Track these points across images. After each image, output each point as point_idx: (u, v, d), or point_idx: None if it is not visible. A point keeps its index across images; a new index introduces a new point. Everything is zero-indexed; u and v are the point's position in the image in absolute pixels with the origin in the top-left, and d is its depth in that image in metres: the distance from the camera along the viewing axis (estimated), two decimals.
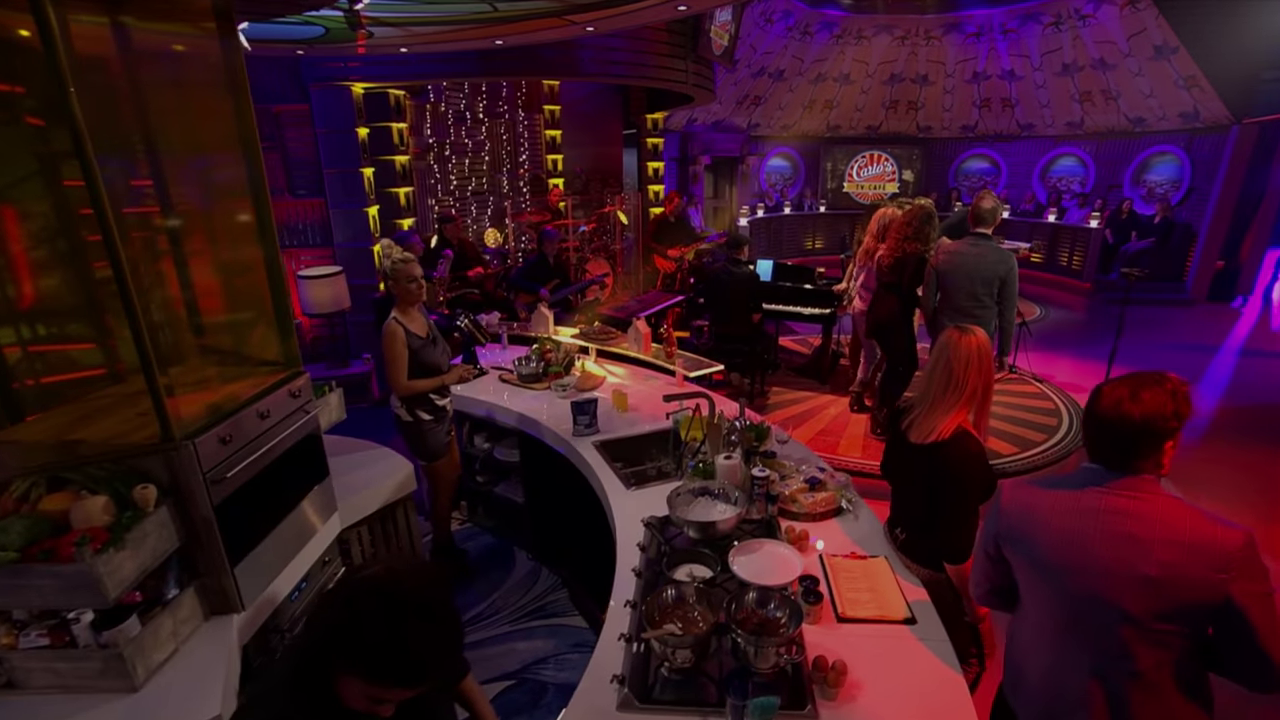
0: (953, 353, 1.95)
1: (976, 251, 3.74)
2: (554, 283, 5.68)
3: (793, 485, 2.53)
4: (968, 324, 2.03)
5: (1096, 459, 1.45)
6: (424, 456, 3.29)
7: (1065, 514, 1.46)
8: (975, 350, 1.93)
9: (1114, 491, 1.40)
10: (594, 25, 3.82)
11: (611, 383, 3.90)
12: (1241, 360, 6.94)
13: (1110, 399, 1.39)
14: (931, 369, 2.01)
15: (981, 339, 1.95)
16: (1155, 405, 1.33)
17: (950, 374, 1.94)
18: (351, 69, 5.01)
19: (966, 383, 1.93)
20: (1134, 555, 1.35)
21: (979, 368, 1.93)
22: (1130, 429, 1.35)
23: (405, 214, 6.46)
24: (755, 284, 5.11)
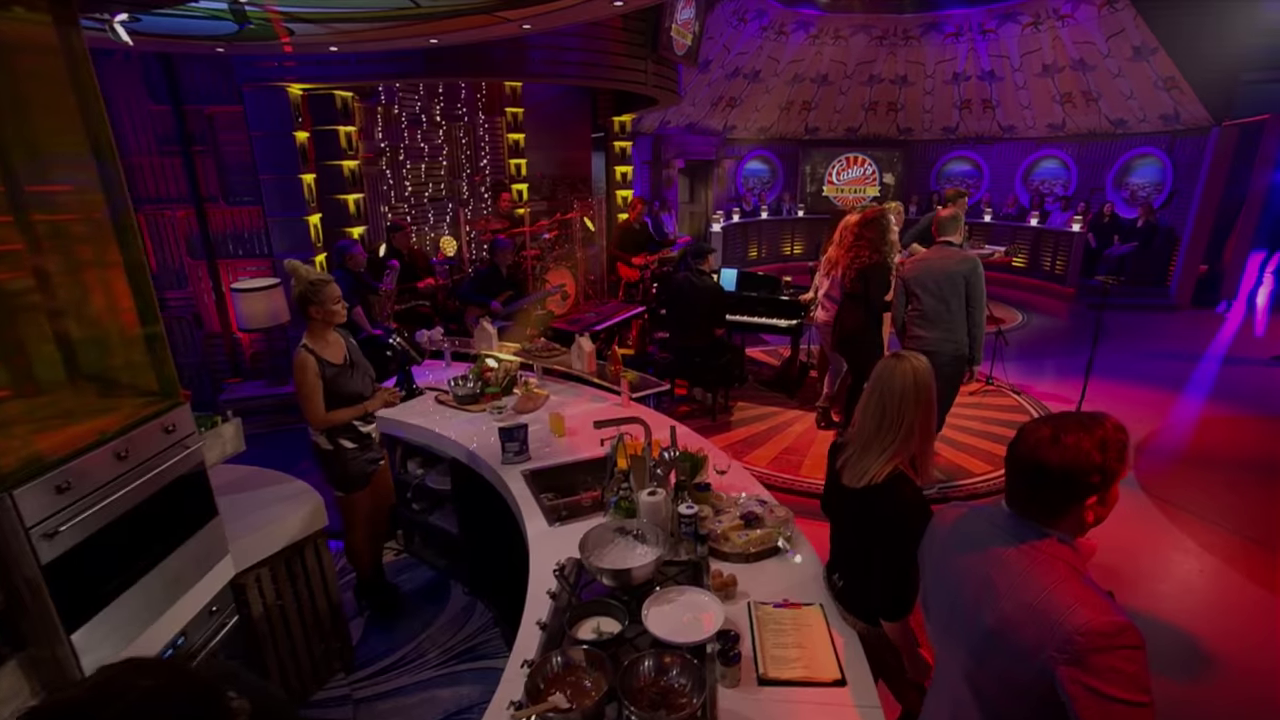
0: (885, 385, 1.80)
1: (941, 256, 3.64)
2: (507, 295, 5.52)
3: (726, 521, 2.38)
4: (907, 350, 1.88)
5: (1009, 502, 1.32)
6: (340, 487, 3.11)
7: (957, 543, 1.38)
8: (912, 381, 1.78)
9: (1007, 540, 1.27)
10: (530, 23, 3.69)
11: (553, 403, 3.74)
12: (1224, 369, 6.91)
13: (1029, 439, 1.25)
14: (864, 403, 1.86)
15: (920, 367, 1.80)
16: (1077, 455, 1.18)
17: (883, 409, 1.80)
18: (287, 69, 4.83)
19: (902, 420, 1.78)
20: (983, 602, 1.24)
21: (916, 401, 1.78)
22: (1043, 477, 1.21)
23: (355, 222, 6.27)
24: (718, 295, 4.97)
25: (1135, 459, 4.85)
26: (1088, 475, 1.18)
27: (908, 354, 1.83)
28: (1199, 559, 3.73)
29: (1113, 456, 1.19)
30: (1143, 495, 4.38)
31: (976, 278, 3.56)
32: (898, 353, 1.84)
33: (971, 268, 3.58)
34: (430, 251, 7.40)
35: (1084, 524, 1.24)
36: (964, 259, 3.59)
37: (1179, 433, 5.38)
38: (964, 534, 1.38)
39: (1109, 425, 1.22)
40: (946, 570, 1.39)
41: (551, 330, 5.44)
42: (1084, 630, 1.07)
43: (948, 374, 3.72)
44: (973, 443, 4.80)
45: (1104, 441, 1.19)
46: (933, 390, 1.80)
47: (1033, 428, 1.26)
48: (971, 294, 3.58)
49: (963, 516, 1.44)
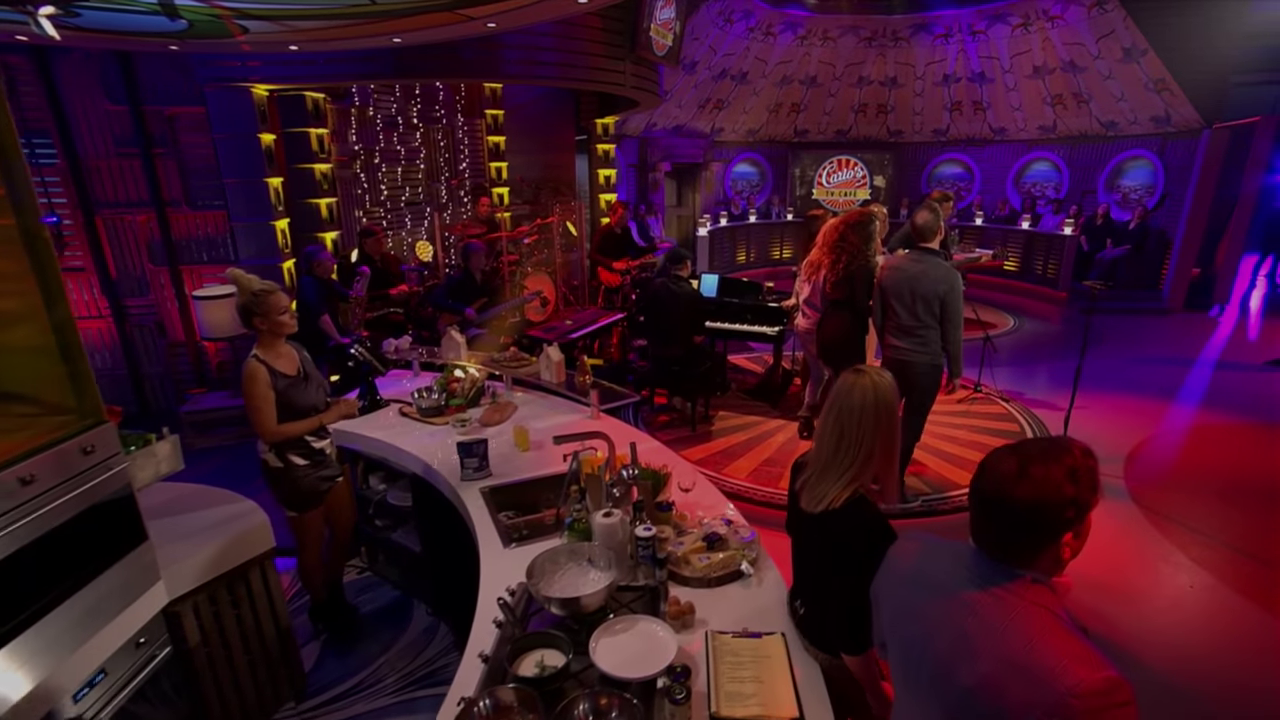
0: (844, 402, 1.70)
1: (919, 268, 3.55)
2: (481, 301, 5.41)
3: (688, 543, 2.27)
4: (866, 365, 1.78)
5: (975, 540, 1.21)
6: (292, 505, 2.99)
7: (920, 585, 1.27)
8: (873, 399, 1.67)
9: (977, 584, 1.16)
10: (495, 21, 3.60)
11: (521, 416, 3.63)
12: (1218, 374, 6.86)
13: (993, 474, 1.15)
14: (822, 421, 1.76)
15: (881, 383, 1.69)
16: (1047, 489, 1.08)
17: (840, 430, 1.69)
18: (251, 69, 4.73)
19: (862, 440, 1.67)
20: (958, 657, 1.13)
21: (877, 420, 1.67)
22: (1012, 515, 1.11)
23: (328, 227, 6.16)
24: (696, 302, 4.88)
25: (1126, 469, 4.78)
26: (1061, 510, 1.09)
27: (869, 369, 1.73)
28: (1191, 574, 3.64)
29: (1085, 487, 1.10)
30: (1133, 506, 4.30)
31: (954, 296, 3.46)
32: (858, 368, 1.74)
33: (949, 287, 3.48)
34: (406, 257, 7.30)
35: (1060, 561, 1.14)
36: (940, 277, 3.48)
37: (1171, 441, 5.32)
38: (928, 575, 1.27)
39: (1076, 451, 1.13)
40: (911, 615, 1.28)
41: (526, 338, 5.34)
42: (1078, 692, 0.97)
43: (925, 384, 3.64)
44: (959, 453, 4.72)
45: (1074, 471, 1.10)
46: (895, 409, 1.70)
47: (995, 461, 1.16)
48: (947, 312, 3.48)
49: (925, 553, 1.33)
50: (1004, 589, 1.13)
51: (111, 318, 5.32)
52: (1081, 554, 1.17)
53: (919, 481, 4.28)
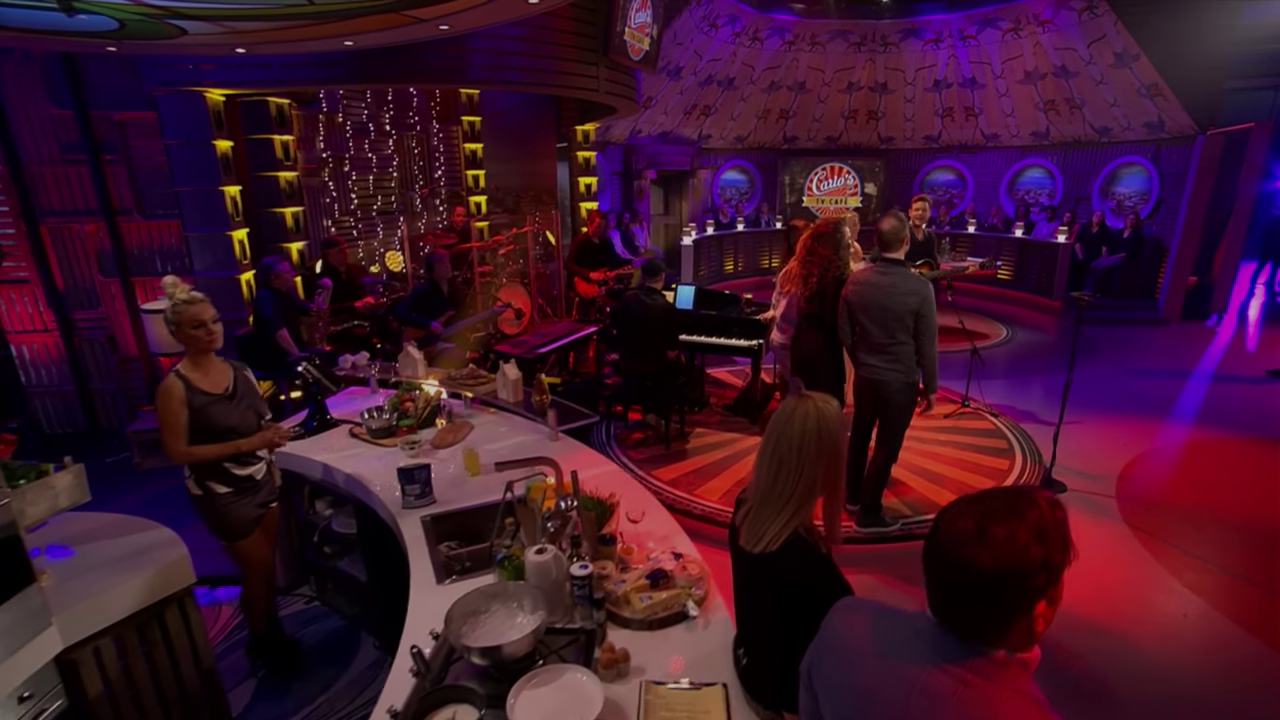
0: (782, 431, 1.56)
1: (886, 281, 3.41)
2: (447, 315, 5.27)
3: (630, 581, 2.12)
4: (812, 391, 1.64)
5: (934, 611, 1.04)
6: (221, 535, 2.83)
7: (874, 667, 1.09)
8: (814, 427, 1.53)
9: (940, 665, 1.00)
10: (447, 23, 3.48)
11: (475, 438, 3.48)
12: (1214, 386, 6.74)
13: (949, 537, 0.99)
14: (760, 452, 1.62)
15: (825, 411, 1.55)
16: (1012, 552, 0.93)
17: (779, 460, 1.55)
18: (204, 72, 4.60)
19: (801, 473, 1.53)
20: None
21: (819, 451, 1.53)
22: (974, 586, 0.95)
23: (294, 237, 6.03)
24: (669, 316, 4.75)
25: (1118, 487, 4.64)
26: (1029, 578, 0.93)
27: (813, 395, 1.59)
28: (1186, 602, 3.50)
29: (1056, 547, 0.95)
30: (1124, 528, 4.16)
31: (927, 308, 3.32)
32: (802, 394, 1.60)
33: (920, 301, 3.33)
34: (379, 268, 7.16)
35: (1032, 634, 0.98)
36: (910, 289, 3.34)
37: (1166, 458, 5.18)
38: (881, 651, 1.11)
39: (1042, 504, 0.98)
40: (856, 701, 1.11)
41: (493, 353, 5.19)
42: None
43: (899, 402, 3.50)
44: (943, 472, 4.57)
45: (1041, 529, 0.94)
46: (840, 439, 1.56)
47: (951, 521, 1.00)
48: (920, 327, 3.34)
49: (875, 627, 1.16)
50: (971, 671, 0.98)
51: (58, 331, 5.16)
52: (1068, 579, 1.02)
53: (899, 503, 4.14)
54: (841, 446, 1.57)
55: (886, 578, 3.71)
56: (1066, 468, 4.78)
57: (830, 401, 1.58)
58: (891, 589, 3.64)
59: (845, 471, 1.63)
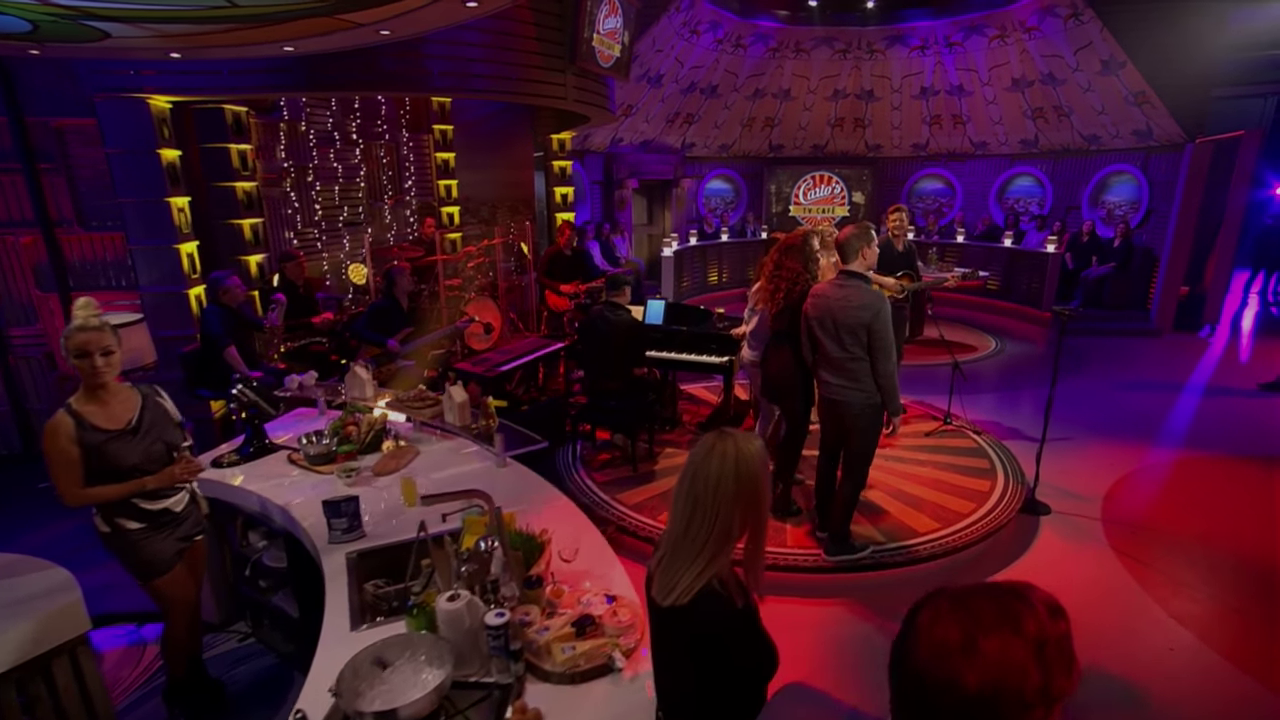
0: (697, 470, 1.42)
1: (841, 294, 3.29)
2: (406, 331, 5.12)
3: (555, 628, 1.97)
4: (734, 429, 1.50)
5: None
6: (137, 574, 2.67)
7: None
8: (732, 467, 1.39)
9: None
10: (388, 28, 3.37)
11: (419, 464, 3.33)
12: (1206, 400, 6.65)
13: (928, 643, 0.81)
14: (675, 492, 1.48)
15: (745, 450, 1.41)
16: (1004, 672, 0.77)
17: (694, 503, 1.42)
18: (146, 78, 4.47)
19: (717, 516, 1.40)
20: None
21: (737, 493, 1.39)
22: (953, 708, 0.79)
23: (252, 249, 5.89)
24: (635, 332, 4.62)
25: (1103, 509, 4.52)
26: (1023, 711, 0.77)
27: (733, 432, 1.46)
28: (1171, 634, 3.36)
29: (1058, 669, 0.78)
30: (1109, 553, 4.03)
31: (880, 323, 3.19)
32: (722, 430, 1.47)
33: (873, 314, 3.20)
34: (345, 282, 7.02)
35: None
36: (863, 303, 3.21)
37: (1155, 476, 5.07)
38: None
39: (1041, 610, 0.81)
40: None
41: (452, 371, 5.05)
42: None
43: (862, 426, 3.36)
44: (920, 494, 4.44)
45: (1040, 642, 0.78)
46: (762, 480, 1.43)
47: (929, 627, 0.82)
48: (873, 342, 3.21)
49: None
50: None
51: None
52: None
53: (872, 529, 4.00)
54: (763, 488, 1.43)
55: (857, 607, 3.57)
56: (1051, 487, 4.66)
57: (753, 440, 1.45)
58: (861, 620, 3.50)
59: (768, 515, 1.49)
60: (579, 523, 2.73)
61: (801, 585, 3.71)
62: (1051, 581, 3.75)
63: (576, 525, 2.69)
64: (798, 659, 3.28)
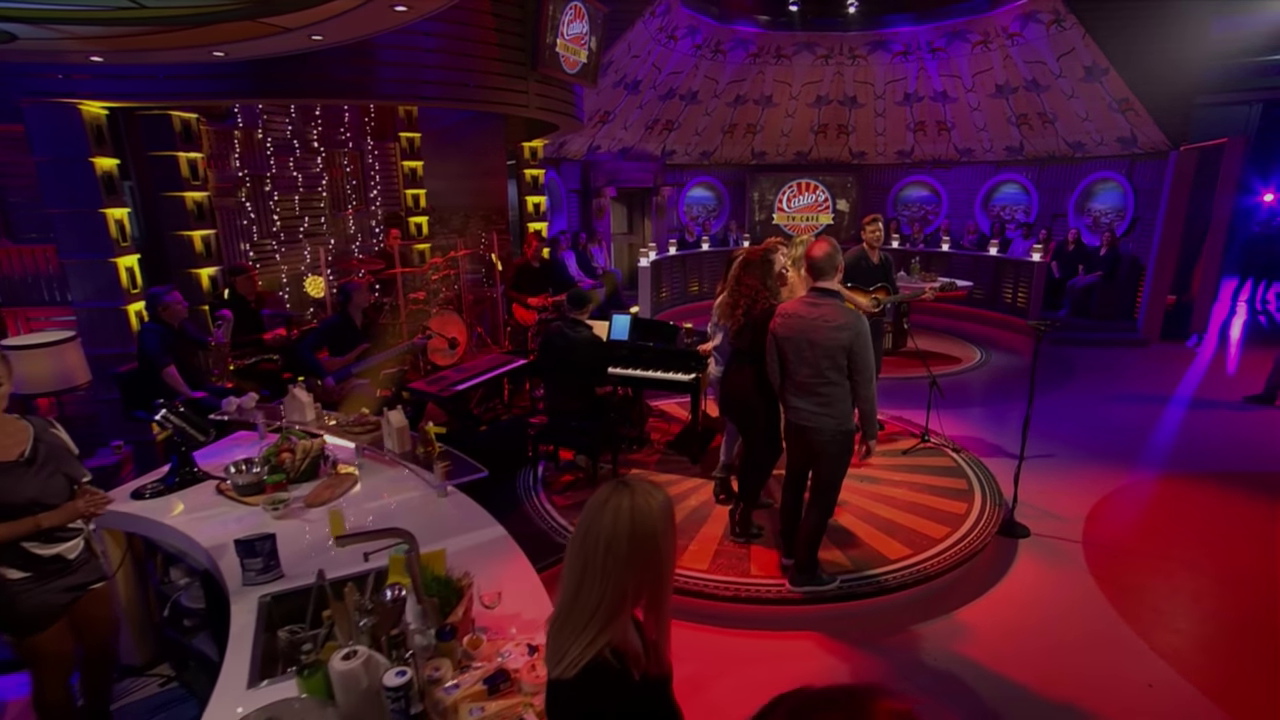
0: (589, 526, 1.29)
1: (815, 313, 3.16)
2: (361, 348, 4.97)
3: (465, 686, 1.83)
4: (637, 479, 1.35)
5: None
6: (11, 629, 2.45)
7: None
8: (627, 524, 1.25)
9: None
10: (320, 34, 3.25)
11: (357, 494, 3.18)
12: (1191, 414, 6.58)
13: None
14: (567, 551, 1.34)
15: (643, 504, 1.27)
16: None
17: (584, 563, 1.28)
18: (77, 83, 4.31)
19: (609, 581, 1.25)
20: None
21: (631, 554, 1.25)
22: None
23: (204, 262, 5.74)
24: (597, 349, 4.49)
25: (1085, 531, 4.42)
26: None
27: (633, 483, 1.32)
28: (1151, 669, 3.24)
29: None
30: (1089, 579, 3.92)
31: (861, 344, 3.06)
32: (620, 480, 1.33)
33: (852, 336, 3.07)
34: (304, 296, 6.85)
35: None
36: (841, 324, 3.08)
37: (1137, 495, 4.98)
38: None
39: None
40: None
41: (407, 390, 4.90)
42: None
43: (832, 453, 3.23)
44: (893, 517, 4.31)
45: None
46: (661, 539, 1.29)
47: None
48: (854, 365, 3.08)
49: None
50: None
51: None
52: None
53: (843, 556, 3.87)
54: (662, 549, 1.29)
55: (824, 640, 3.44)
56: (1031, 507, 4.56)
57: (654, 494, 1.31)
58: (828, 653, 3.36)
59: (669, 578, 1.35)
60: (515, 561, 2.58)
61: (765, 617, 3.57)
62: (1026, 614, 3.65)
63: (512, 563, 2.55)
64: (759, 696, 3.13)
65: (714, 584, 3.63)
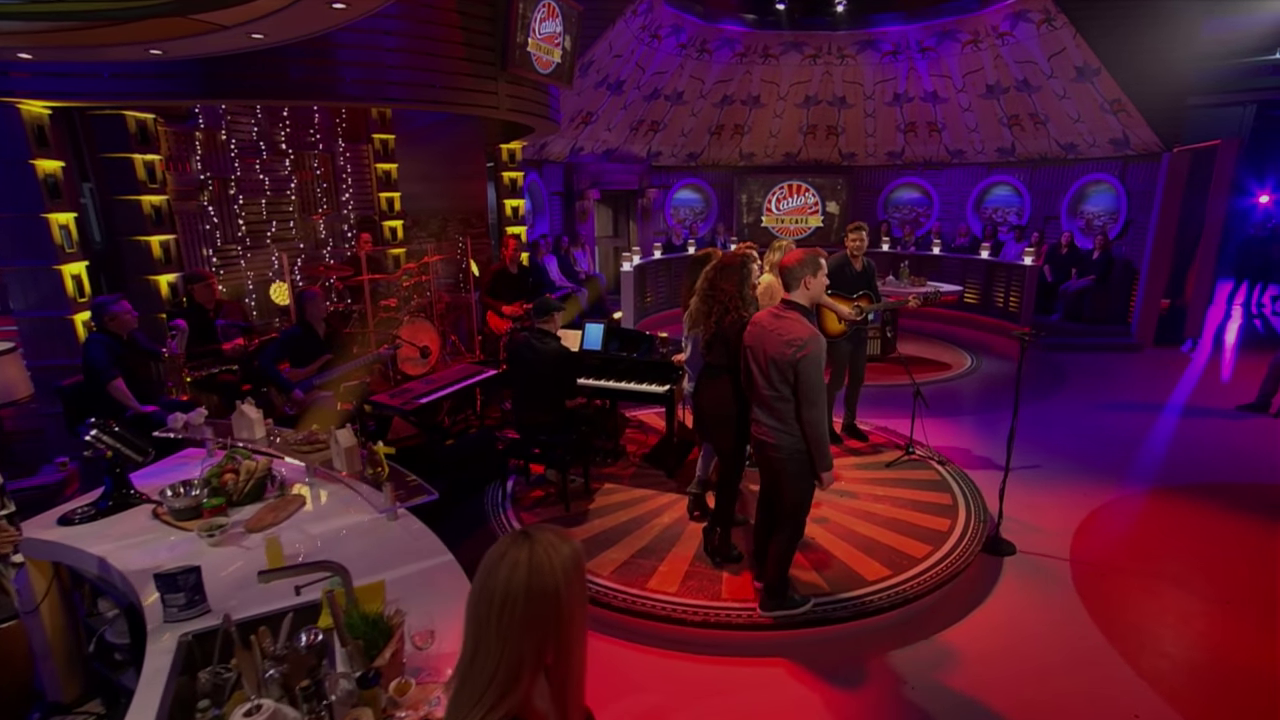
0: (483, 582, 1.16)
1: (775, 325, 3.05)
2: (324, 359, 4.83)
3: None
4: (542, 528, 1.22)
5: None
6: None
7: None
8: (523, 581, 1.11)
9: None
10: (262, 32, 3.12)
11: (303, 517, 3.04)
12: (1184, 422, 6.49)
13: None
14: (465, 613, 1.21)
15: (544, 559, 1.12)
16: None
17: (479, 626, 1.15)
18: (16, 80, 4.16)
19: (504, 645, 1.12)
20: None
21: (526, 619, 1.11)
22: None
23: (163, 268, 5.60)
24: (566, 361, 4.36)
25: (1073, 547, 4.30)
26: None
27: (535, 534, 1.18)
28: (1138, 699, 3.12)
29: None
30: (1075, 599, 3.80)
31: (808, 364, 2.91)
32: (523, 531, 1.20)
33: (804, 352, 2.92)
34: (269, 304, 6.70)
35: None
36: (792, 338, 2.95)
37: (1127, 509, 4.87)
38: None
39: None
40: None
41: (369, 404, 4.76)
42: None
43: (792, 472, 3.12)
44: (873, 535, 4.19)
45: None
46: (565, 597, 1.15)
47: None
48: (800, 384, 2.96)
49: None
50: None
51: None
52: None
53: (818, 576, 3.74)
54: (568, 607, 1.16)
55: (795, 668, 3.31)
56: (1018, 522, 4.44)
57: (559, 547, 1.17)
58: (799, 682, 3.23)
59: (580, 638, 1.22)
60: (461, 592, 2.44)
61: (736, 643, 3.44)
62: (1009, 637, 3.53)
63: (457, 595, 2.41)
64: None
65: (682, 608, 3.50)
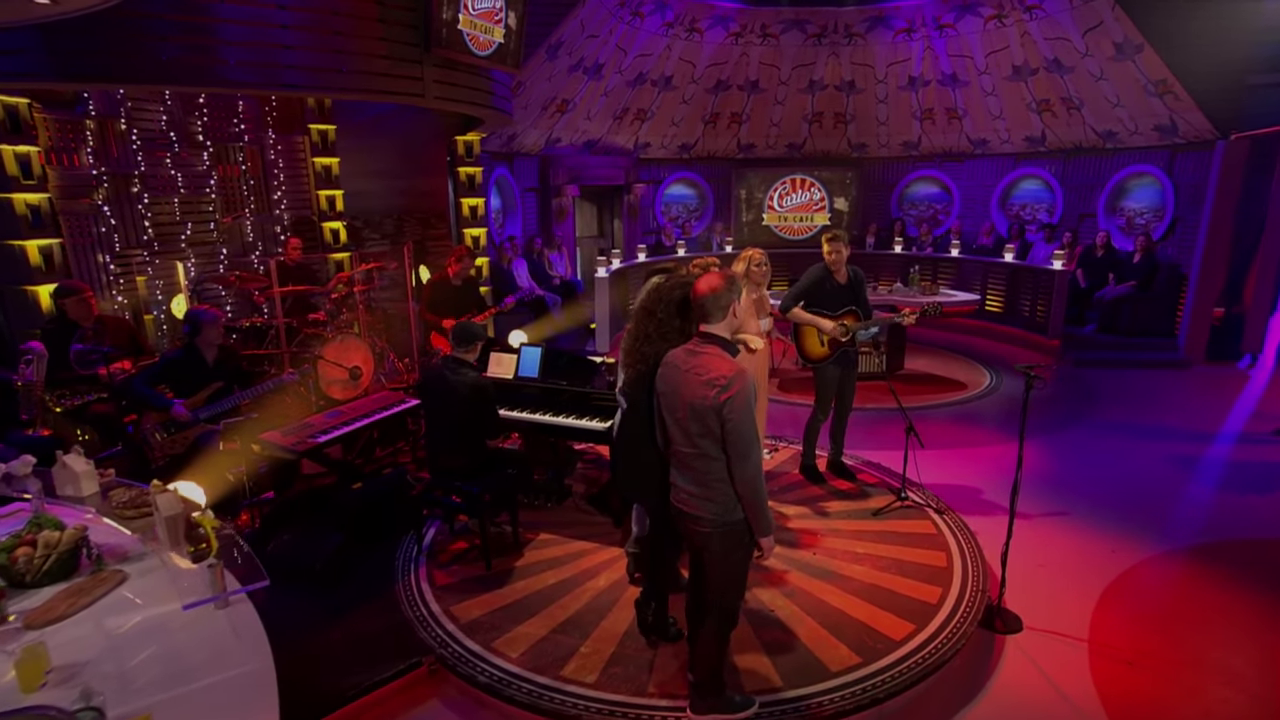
0: None
1: (691, 363, 2.55)
2: (214, 387, 4.41)
3: None
4: None
5: None
6: None
7: None
8: None
9: None
10: None
11: (110, 603, 2.61)
12: (1238, 454, 5.90)
13: None
14: None
15: None
16: None
17: None
18: None
19: None
20: None
21: None
22: None
23: (42, 277, 5.26)
24: (481, 397, 3.89)
25: (1092, 624, 3.76)
26: None
27: None
28: None
29: None
30: (1091, 693, 3.27)
31: (734, 409, 2.39)
32: None
33: (721, 396, 2.41)
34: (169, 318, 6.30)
35: None
36: (712, 377, 2.45)
37: (1162, 572, 4.31)
38: None
39: None
40: None
41: (259, 444, 4.32)
42: None
43: (715, 549, 2.62)
44: (845, 607, 3.68)
45: None
46: None
47: None
48: (727, 435, 2.45)
49: None
50: None
51: None
52: None
53: (770, 664, 3.24)
54: None
55: None
56: (1028, 588, 3.93)
57: None
58: None
59: None
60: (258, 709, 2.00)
61: None
62: None
63: None
64: None
65: (595, 709, 3.02)
